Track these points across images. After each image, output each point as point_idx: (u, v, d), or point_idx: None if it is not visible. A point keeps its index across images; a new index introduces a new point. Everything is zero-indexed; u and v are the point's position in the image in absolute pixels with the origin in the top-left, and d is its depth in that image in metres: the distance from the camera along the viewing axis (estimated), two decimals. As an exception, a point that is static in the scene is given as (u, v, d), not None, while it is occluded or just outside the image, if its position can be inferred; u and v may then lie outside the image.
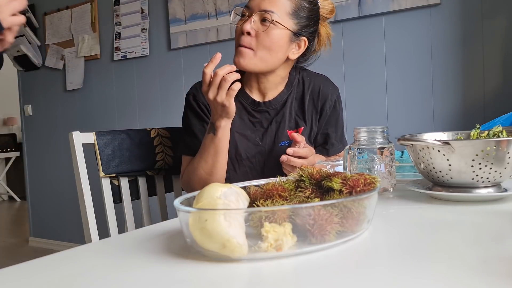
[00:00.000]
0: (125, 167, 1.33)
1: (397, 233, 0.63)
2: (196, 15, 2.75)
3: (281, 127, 1.20)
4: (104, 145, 1.30)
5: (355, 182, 0.61)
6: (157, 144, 1.41)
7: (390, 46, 2.17)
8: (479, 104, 1.99)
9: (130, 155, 1.35)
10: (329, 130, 1.25)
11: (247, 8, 1.14)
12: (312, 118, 1.24)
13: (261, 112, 1.22)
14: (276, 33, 1.11)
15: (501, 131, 0.82)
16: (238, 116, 1.20)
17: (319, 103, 1.23)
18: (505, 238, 0.60)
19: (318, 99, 1.22)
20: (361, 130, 0.88)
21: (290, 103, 1.22)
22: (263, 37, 1.11)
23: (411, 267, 0.48)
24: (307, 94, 1.22)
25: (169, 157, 1.43)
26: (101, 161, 1.29)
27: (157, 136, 1.42)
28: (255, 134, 1.21)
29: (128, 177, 1.36)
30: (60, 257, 0.61)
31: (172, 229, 0.71)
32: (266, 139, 1.21)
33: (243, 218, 0.55)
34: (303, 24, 1.15)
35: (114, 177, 1.33)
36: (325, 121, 1.25)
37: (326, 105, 1.23)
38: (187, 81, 2.84)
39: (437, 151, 0.77)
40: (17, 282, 0.51)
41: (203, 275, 0.49)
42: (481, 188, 0.78)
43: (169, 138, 1.44)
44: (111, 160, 1.31)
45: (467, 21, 2.00)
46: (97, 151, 1.30)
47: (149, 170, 1.40)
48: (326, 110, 1.24)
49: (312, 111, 1.24)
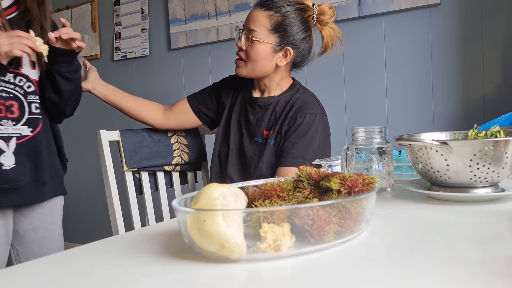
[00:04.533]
0: (146, 162, 1.50)
1: (396, 233, 0.63)
2: (196, 15, 2.75)
3: (259, 125, 1.40)
4: (128, 142, 1.47)
5: (353, 183, 0.61)
6: (174, 142, 1.58)
7: (390, 46, 2.17)
8: (479, 104, 1.99)
9: (149, 151, 1.51)
10: (292, 141, 1.32)
11: (240, 27, 1.40)
12: (281, 127, 1.35)
13: (251, 105, 1.44)
14: (259, 47, 1.34)
15: (498, 131, 0.82)
16: (239, 105, 1.46)
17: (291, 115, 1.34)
18: (503, 238, 0.60)
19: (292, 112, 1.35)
20: (359, 130, 0.88)
21: (273, 108, 1.39)
22: (249, 51, 1.36)
23: (410, 267, 0.48)
24: (289, 104, 1.38)
25: (185, 153, 1.59)
26: (124, 157, 1.45)
27: (174, 135, 1.59)
28: (244, 121, 1.44)
29: (148, 171, 1.52)
30: (60, 257, 0.61)
31: (170, 230, 0.71)
32: (248, 129, 1.42)
33: (241, 219, 0.55)
34: (285, 36, 1.34)
35: (136, 171, 1.49)
36: (292, 133, 1.33)
37: (298, 118, 1.33)
38: (187, 81, 2.84)
39: (435, 151, 0.77)
40: (17, 282, 0.51)
41: (201, 276, 0.50)
42: (479, 188, 0.79)
43: (185, 137, 1.61)
44: (133, 155, 1.47)
45: (467, 21, 2.00)
46: (121, 148, 1.45)
47: (167, 165, 1.55)
48: (297, 122, 1.33)
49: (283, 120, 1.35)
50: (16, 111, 1.23)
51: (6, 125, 1.21)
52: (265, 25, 1.33)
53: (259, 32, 1.33)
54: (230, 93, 1.51)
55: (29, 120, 1.25)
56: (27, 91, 1.25)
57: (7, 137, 1.20)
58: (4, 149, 1.20)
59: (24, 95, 1.24)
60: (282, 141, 1.34)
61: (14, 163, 1.21)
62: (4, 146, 1.21)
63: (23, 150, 1.23)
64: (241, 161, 1.42)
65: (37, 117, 1.27)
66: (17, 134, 1.23)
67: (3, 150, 1.20)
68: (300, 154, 1.31)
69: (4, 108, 1.21)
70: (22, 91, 1.24)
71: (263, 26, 1.33)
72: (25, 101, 1.25)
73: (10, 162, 1.20)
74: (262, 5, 1.35)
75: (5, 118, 1.21)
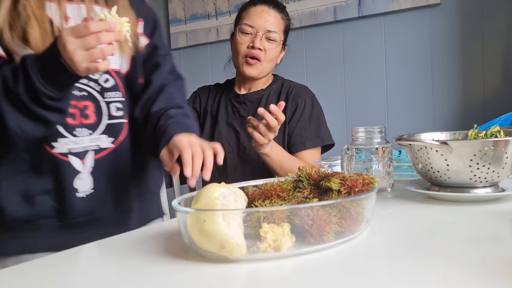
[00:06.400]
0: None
1: (395, 233, 0.63)
2: (196, 15, 2.75)
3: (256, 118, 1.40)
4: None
5: (353, 183, 0.61)
6: None
7: (390, 46, 2.17)
8: (479, 104, 1.99)
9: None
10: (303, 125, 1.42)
11: (251, 27, 1.41)
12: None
13: (240, 103, 1.47)
14: (277, 48, 1.43)
15: (498, 131, 0.82)
16: (224, 107, 1.49)
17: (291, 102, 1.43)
18: (503, 238, 0.60)
19: (291, 99, 1.43)
20: (359, 130, 0.88)
21: (266, 99, 1.45)
22: (269, 52, 1.41)
23: (409, 267, 0.48)
24: (283, 94, 1.46)
25: None
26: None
27: None
28: (235, 121, 1.46)
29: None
30: (60, 257, 0.61)
31: (170, 230, 0.71)
32: (244, 125, 1.41)
33: (241, 219, 0.55)
34: (286, 37, 1.48)
35: None
36: (298, 118, 1.42)
37: (299, 103, 1.43)
38: (187, 81, 2.83)
39: (435, 151, 0.77)
40: (17, 282, 0.51)
41: (201, 276, 0.50)
42: (479, 188, 0.79)
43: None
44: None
45: (467, 21, 2.00)
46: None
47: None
48: (299, 107, 1.42)
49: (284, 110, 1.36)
50: (92, 115, 0.92)
51: (81, 135, 0.90)
52: (280, 27, 1.44)
53: (278, 33, 1.42)
54: (208, 103, 1.52)
55: (109, 126, 0.93)
56: (105, 87, 0.93)
57: (82, 153, 0.90)
58: (79, 169, 0.89)
59: (100, 92, 0.92)
60: (286, 128, 1.41)
61: (92, 187, 0.90)
62: (79, 165, 0.89)
63: (103, 168, 0.92)
64: (242, 161, 1.43)
65: (119, 122, 0.95)
66: (94, 147, 0.91)
67: (78, 171, 0.89)
68: (314, 135, 1.42)
69: (78, 112, 0.90)
70: (98, 87, 0.92)
71: (279, 28, 1.43)
72: (103, 100, 0.93)
73: (86, 186, 0.90)
74: (276, 7, 1.44)
75: (80, 125, 0.90)
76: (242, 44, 1.42)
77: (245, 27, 1.42)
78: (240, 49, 1.42)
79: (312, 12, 2.28)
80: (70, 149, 0.89)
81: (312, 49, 2.30)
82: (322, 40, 2.28)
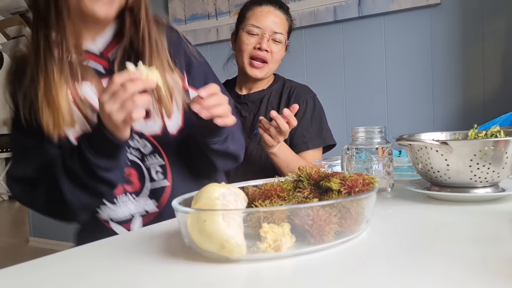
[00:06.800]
0: None
1: (396, 233, 0.63)
2: (196, 15, 2.75)
3: (256, 118, 1.39)
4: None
5: (353, 183, 0.61)
6: None
7: (390, 46, 2.17)
8: (479, 104, 1.99)
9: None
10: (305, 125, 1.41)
11: (258, 28, 1.40)
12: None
13: (241, 103, 1.47)
14: (282, 50, 1.44)
15: (498, 131, 0.82)
16: None
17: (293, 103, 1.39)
18: (503, 238, 0.60)
19: (292, 99, 1.43)
20: (359, 130, 0.88)
21: (267, 99, 1.45)
22: (276, 53, 1.41)
23: (410, 267, 0.48)
24: (284, 94, 1.45)
25: None
26: None
27: None
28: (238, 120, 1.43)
29: None
30: (60, 257, 0.61)
31: (170, 230, 0.71)
32: (246, 126, 1.42)
33: (241, 219, 0.55)
34: (288, 38, 1.48)
35: None
36: (300, 118, 1.39)
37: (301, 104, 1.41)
38: (187, 81, 2.84)
39: (435, 151, 0.77)
40: (17, 282, 0.51)
41: (201, 276, 0.50)
42: (479, 188, 0.79)
43: None
44: None
45: (467, 21, 2.00)
46: None
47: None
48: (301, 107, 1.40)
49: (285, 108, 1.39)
50: (136, 182, 0.94)
51: (126, 200, 0.93)
52: (285, 28, 1.44)
53: (283, 35, 1.43)
54: None
55: (152, 191, 0.95)
56: (144, 153, 0.95)
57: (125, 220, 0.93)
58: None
59: (141, 159, 0.95)
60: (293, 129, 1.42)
61: None
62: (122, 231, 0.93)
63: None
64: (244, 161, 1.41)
65: (160, 185, 0.96)
66: (141, 212, 0.94)
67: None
68: (316, 135, 1.42)
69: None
70: (139, 154, 0.95)
71: (284, 29, 1.43)
72: (143, 165, 0.95)
73: None
74: (281, 8, 1.44)
75: (124, 192, 0.94)
76: (248, 45, 1.40)
77: (252, 28, 1.40)
78: (245, 50, 1.41)
79: (312, 12, 2.28)
80: (111, 216, 0.94)
81: (312, 49, 2.30)
82: (322, 40, 2.28)
